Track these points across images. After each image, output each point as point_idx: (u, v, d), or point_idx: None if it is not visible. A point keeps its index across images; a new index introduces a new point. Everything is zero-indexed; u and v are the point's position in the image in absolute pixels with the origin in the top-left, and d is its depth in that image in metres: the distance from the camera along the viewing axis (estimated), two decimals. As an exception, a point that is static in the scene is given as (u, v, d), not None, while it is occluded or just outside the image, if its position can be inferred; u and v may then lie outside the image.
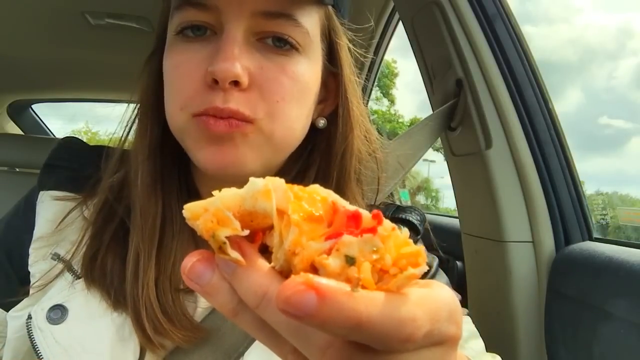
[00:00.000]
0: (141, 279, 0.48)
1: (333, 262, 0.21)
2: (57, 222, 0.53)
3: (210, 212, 0.23)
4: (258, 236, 0.24)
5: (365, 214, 0.22)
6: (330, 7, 0.51)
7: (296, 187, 0.23)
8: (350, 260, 0.21)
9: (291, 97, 0.47)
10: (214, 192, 0.23)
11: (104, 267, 0.50)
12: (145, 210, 0.50)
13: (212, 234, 0.23)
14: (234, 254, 0.23)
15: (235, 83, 0.44)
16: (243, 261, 0.23)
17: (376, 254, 0.21)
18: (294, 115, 0.49)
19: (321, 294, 0.19)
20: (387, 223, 0.22)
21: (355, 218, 0.22)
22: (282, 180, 0.23)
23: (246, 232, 0.23)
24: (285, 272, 0.23)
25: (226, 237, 0.23)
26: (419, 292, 0.23)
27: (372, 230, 0.22)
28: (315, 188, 0.24)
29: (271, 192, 0.23)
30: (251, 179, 0.23)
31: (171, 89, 0.49)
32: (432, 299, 0.23)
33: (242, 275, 0.23)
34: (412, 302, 0.22)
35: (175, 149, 0.52)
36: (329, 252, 0.21)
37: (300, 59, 0.48)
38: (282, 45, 0.47)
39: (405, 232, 0.22)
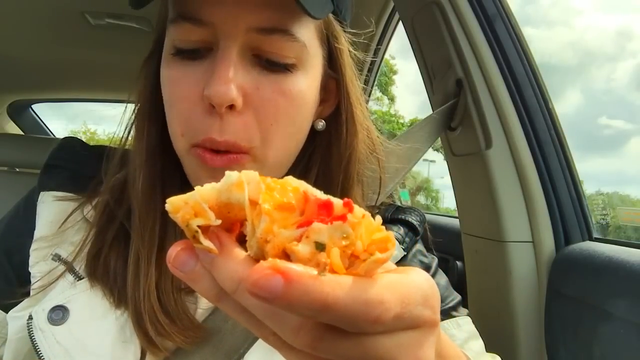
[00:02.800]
0: (142, 283, 0.47)
1: (302, 248, 0.22)
2: (58, 223, 0.53)
3: (189, 204, 0.24)
4: (236, 227, 0.26)
5: (337, 202, 0.23)
6: (329, 14, 0.50)
7: (269, 179, 0.24)
8: (320, 247, 0.22)
9: (286, 117, 0.47)
10: (195, 187, 0.24)
11: (107, 265, 0.50)
12: (144, 216, 0.50)
13: (187, 223, 0.24)
14: (206, 242, 0.24)
15: (231, 106, 0.45)
16: (215, 249, 0.24)
17: (346, 240, 0.22)
18: (289, 134, 0.49)
19: (287, 277, 0.20)
20: (357, 210, 0.23)
21: (326, 206, 0.23)
22: (256, 173, 0.24)
23: (218, 222, 0.24)
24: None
25: (204, 228, 0.24)
26: (389, 277, 0.23)
27: (343, 217, 0.22)
28: (288, 179, 0.24)
29: (244, 183, 0.24)
30: (227, 172, 0.24)
31: (170, 109, 0.49)
32: (403, 283, 0.24)
33: (219, 264, 0.24)
34: (381, 285, 0.22)
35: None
36: (299, 239, 0.22)
37: (297, 74, 0.47)
38: (277, 66, 0.46)
39: (378, 219, 0.23)
